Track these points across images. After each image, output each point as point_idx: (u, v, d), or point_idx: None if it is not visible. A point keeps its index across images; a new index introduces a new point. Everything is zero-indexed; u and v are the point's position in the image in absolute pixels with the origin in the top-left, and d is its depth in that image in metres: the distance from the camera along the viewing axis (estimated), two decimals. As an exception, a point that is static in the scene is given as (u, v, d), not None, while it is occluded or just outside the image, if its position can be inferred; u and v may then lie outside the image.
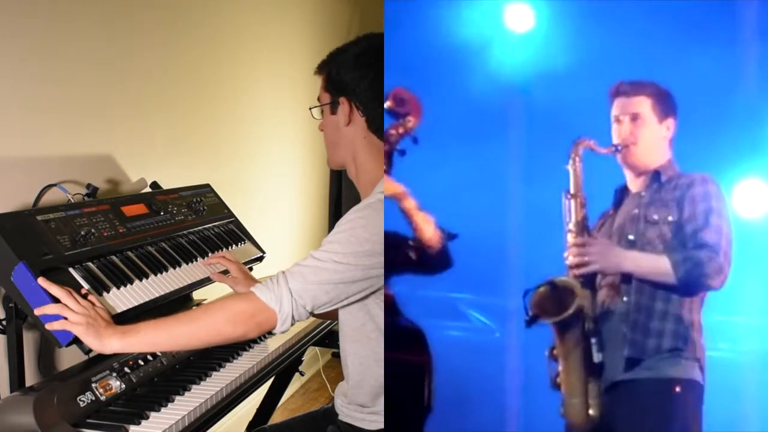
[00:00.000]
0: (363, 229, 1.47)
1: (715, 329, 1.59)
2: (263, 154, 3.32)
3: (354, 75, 1.57)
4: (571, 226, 1.62)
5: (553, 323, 1.55)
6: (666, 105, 1.65)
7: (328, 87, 1.62)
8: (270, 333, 1.93)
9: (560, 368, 1.56)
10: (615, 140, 1.65)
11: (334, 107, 1.61)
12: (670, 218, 1.58)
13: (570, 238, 1.61)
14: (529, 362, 1.97)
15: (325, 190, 4.05)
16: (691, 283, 1.51)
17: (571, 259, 1.58)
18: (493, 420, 2.00)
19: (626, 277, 1.58)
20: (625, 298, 1.57)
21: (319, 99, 1.65)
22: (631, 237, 1.60)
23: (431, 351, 1.69)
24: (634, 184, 1.67)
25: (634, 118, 1.63)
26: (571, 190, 1.62)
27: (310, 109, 1.70)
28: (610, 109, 1.67)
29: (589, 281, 1.58)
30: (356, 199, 1.62)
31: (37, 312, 1.46)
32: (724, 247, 1.52)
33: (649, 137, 1.63)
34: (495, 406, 2.01)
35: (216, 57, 2.85)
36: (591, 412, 1.54)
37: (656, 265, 1.54)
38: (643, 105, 1.63)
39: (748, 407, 1.77)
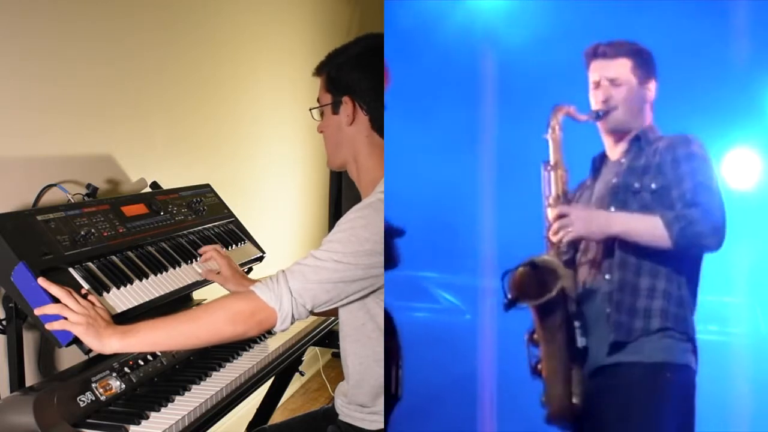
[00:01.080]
0: (363, 228, 1.47)
1: (703, 310, 1.48)
2: (263, 154, 3.32)
3: (356, 74, 1.57)
4: (551, 199, 1.52)
5: (533, 306, 1.45)
6: (647, 65, 1.54)
7: (329, 87, 1.62)
8: (270, 332, 1.94)
9: (541, 354, 1.47)
10: (594, 106, 1.54)
11: (336, 107, 1.60)
12: (653, 185, 1.47)
13: (550, 212, 1.50)
14: (504, 346, 1.83)
15: (325, 190, 4.05)
16: (687, 243, 1.39)
17: (552, 234, 1.47)
18: (466, 409, 1.86)
19: (608, 251, 1.46)
20: (607, 276, 1.46)
21: (319, 100, 1.65)
22: (612, 209, 1.49)
23: (398, 335, 1.59)
24: (613, 151, 1.56)
25: (615, 81, 1.53)
26: (552, 161, 1.52)
27: (311, 110, 1.70)
28: (586, 72, 1.56)
29: (572, 261, 1.48)
30: (356, 199, 1.61)
31: (37, 312, 1.46)
32: (717, 204, 1.41)
33: (630, 101, 1.52)
34: (466, 394, 1.87)
35: (216, 57, 2.85)
36: (574, 400, 1.44)
37: (648, 225, 1.41)
38: (624, 67, 1.53)
39: (739, 394, 1.66)
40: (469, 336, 1.89)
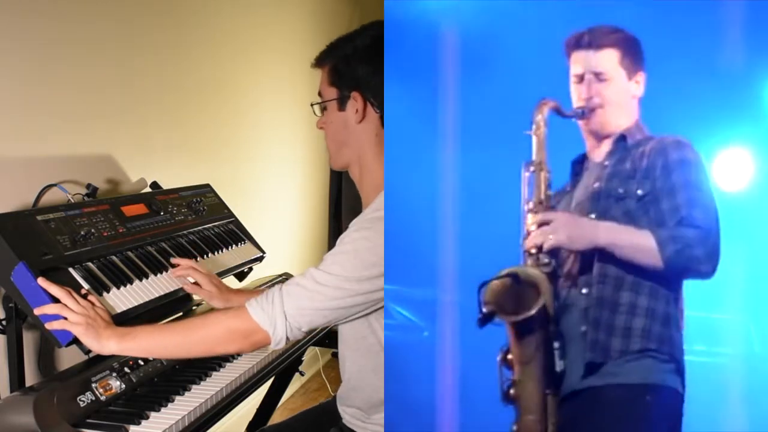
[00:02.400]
0: (368, 251, 1.38)
1: (689, 328, 1.33)
2: (263, 154, 3.32)
3: (367, 68, 1.46)
4: (532, 204, 1.34)
5: (510, 323, 1.28)
6: (635, 56, 1.39)
7: (334, 81, 1.49)
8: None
9: (515, 377, 1.29)
10: (577, 102, 1.39)
11: (342, 103, 1.49)
12: (639, 192, 1.32)
13: (530, 218, 1.33)
14: (468, 368, 1.58)
15: (325, 190, 4.05)
16: (680, 267, 1.25)
17: (531, 241, 1.31)
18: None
19: (586, 263, 1.31)
20: (584, 290, 1.32)
21: (321, 94, 1.53)
22: (592, 216, 1.34)
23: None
24: (596, 152, 1.41)
25: (601, 75, 1.37)
26: (535, 161, 1.35)
27: (312, 105, 1.56)
28: (567, 63, 1.40)
29: (554, 274, 1.32)
30: (356, 199, 1.59)
31: (37, 312, 1.46)
32: (714, 224, 1.27)
33: (617, 97, 1.37)
34: (422, 424, 1.61)
35: (216, 58, 2.85)
36: (550, 429, 1.27)
37: (639, 241, 1.26)
38: (610, 59, 1.37)
39: (730, 420, 1.47)
40: (426, 356, 1.65)
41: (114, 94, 2.20)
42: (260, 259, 2.23)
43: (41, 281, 1.46)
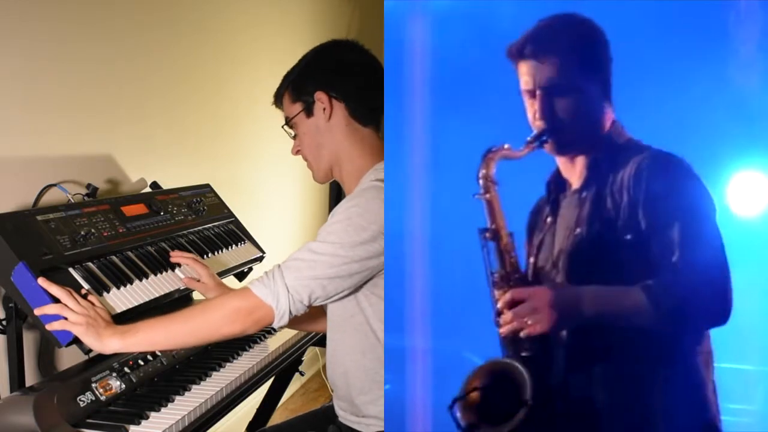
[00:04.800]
0: (360, 217, 1.45)
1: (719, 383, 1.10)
2: (263, 154, 3.32)
3: (317, 71, 1.60)
4: (497, 277, 1.15)
5: None
6: (594, 52, 1.16)
7: (295, 96, 1.62)
8: (271, 331, 1.95)
9: None
10: (532, 122, 1.17)
11: (309, 110, 1.61)
12: (627, 237, 1.10)
13: (497, 293, 1.14)
14: (441, 428, 1.31)
15: (325, 190, 4.05)
16: (682, 323, 1.05)
17: (507, 328, 1.10)
18: None
19: (577, 343, 1.10)
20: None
21: (287, 117, 1.66)
22: (579, 267, 1.14)
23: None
24: (570, 172, 1.20)
25: (554, 87, 1.14)
26: (490, 227, 1.17)
27: (283, 127, 1.69)
28: (515, 73, 1.18)
29: (538, 357, 1.07)
30: (356, 199, 1.60)
31: (37, 312, 1.46)
32: (719, 264, 1.06)
33: (580, 109, 1.15)
34: None
35: (216, 57, 2.85)
36: None
37: (629, 302, 1.06)
38: (564, 66, 1.14)
39: None
40: (394, 413, 1.45)
41: (114, 94, 2.20)
42: (260, 259, 2.24)
43: (41, 281, 1.47)
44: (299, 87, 1.62)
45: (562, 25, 1.17)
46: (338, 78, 1.59)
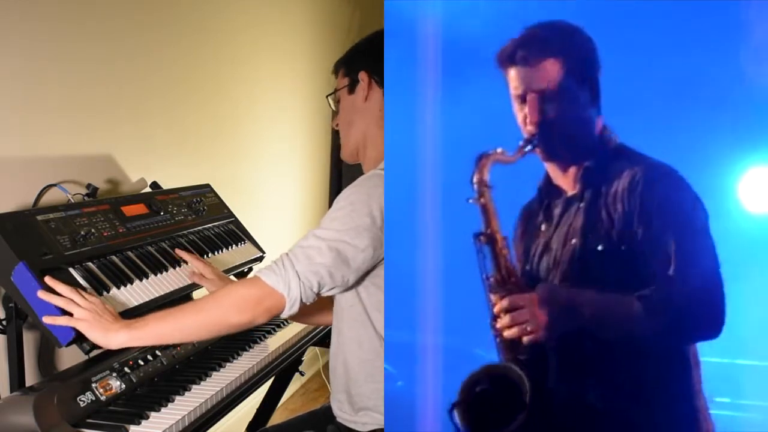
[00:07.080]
0: (361, 203, 1.47)
1: (710, 377, 1.13)
2: (264, 154, 3.32)
3: (370, 53, 1.63)
4: (492, 281, 1.16)
5: None
6: (584, 57, 1.17)
7: (345, 72, 1.66)
8: (281, 325, 1.93)
9: None
10: (523, 127, 1.18)
11: (352, 87, 1.64)
12: (623, 248, 1.11)
13: (494, 298, 1.15)
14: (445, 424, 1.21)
15: (325, 189, 4.05)
16: (674, 336, 1.08)
17: (501, 328, 1.12)
18: None
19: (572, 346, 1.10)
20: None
21: (335, 89, 1.69)
22: (575, 278, 1.15)
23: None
24: (562, 180, 1.21)
25: (546, 93, 1.15)
26: (485, 231, 1.18)
27: (327, 96, 1.72)
28: (505, 79, 1.20)
29: (536, 361, 1.08)
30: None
31: (42, 296, 1.44)
32: (713, 276, 1.07)
33: (570, 113, 1.16)
34: None
35: (216, 57, 2.85)
36: None
37: (624, 312, 1.08)
38: (553, 71, 1.15)
39: None
40: (404, 409, 1.45)
41: (114, 94, 2.20)
42: (260, 259, 2.24)
43: (48, 280, 1.46)
44: (352, 63, 1.67)
45: (551, 32, 1.19)
46: (383, 65, 1.58)
